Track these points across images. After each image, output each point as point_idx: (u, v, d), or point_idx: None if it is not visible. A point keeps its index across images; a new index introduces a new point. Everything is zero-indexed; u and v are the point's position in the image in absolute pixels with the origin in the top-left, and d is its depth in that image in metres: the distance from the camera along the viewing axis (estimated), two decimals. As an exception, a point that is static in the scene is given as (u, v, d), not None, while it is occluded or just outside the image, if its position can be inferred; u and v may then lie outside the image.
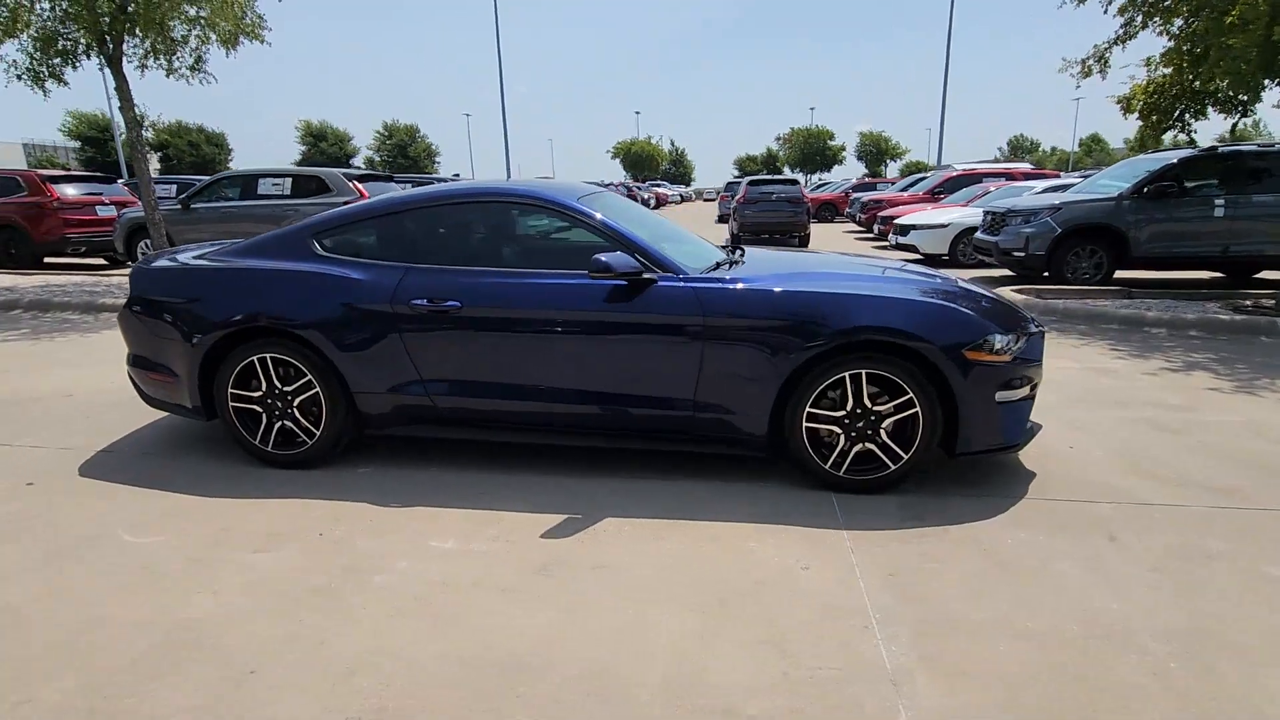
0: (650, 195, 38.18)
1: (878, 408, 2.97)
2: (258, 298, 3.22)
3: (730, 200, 18.74)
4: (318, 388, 3.24)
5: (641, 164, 63.79)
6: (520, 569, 2.52)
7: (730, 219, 16.94)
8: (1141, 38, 7.74)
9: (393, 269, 3.22)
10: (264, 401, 3.32)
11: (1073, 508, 2.96)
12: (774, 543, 2.69)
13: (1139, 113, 8.76)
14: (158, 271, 3.50)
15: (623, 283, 3.03)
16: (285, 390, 3.29)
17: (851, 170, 70.20)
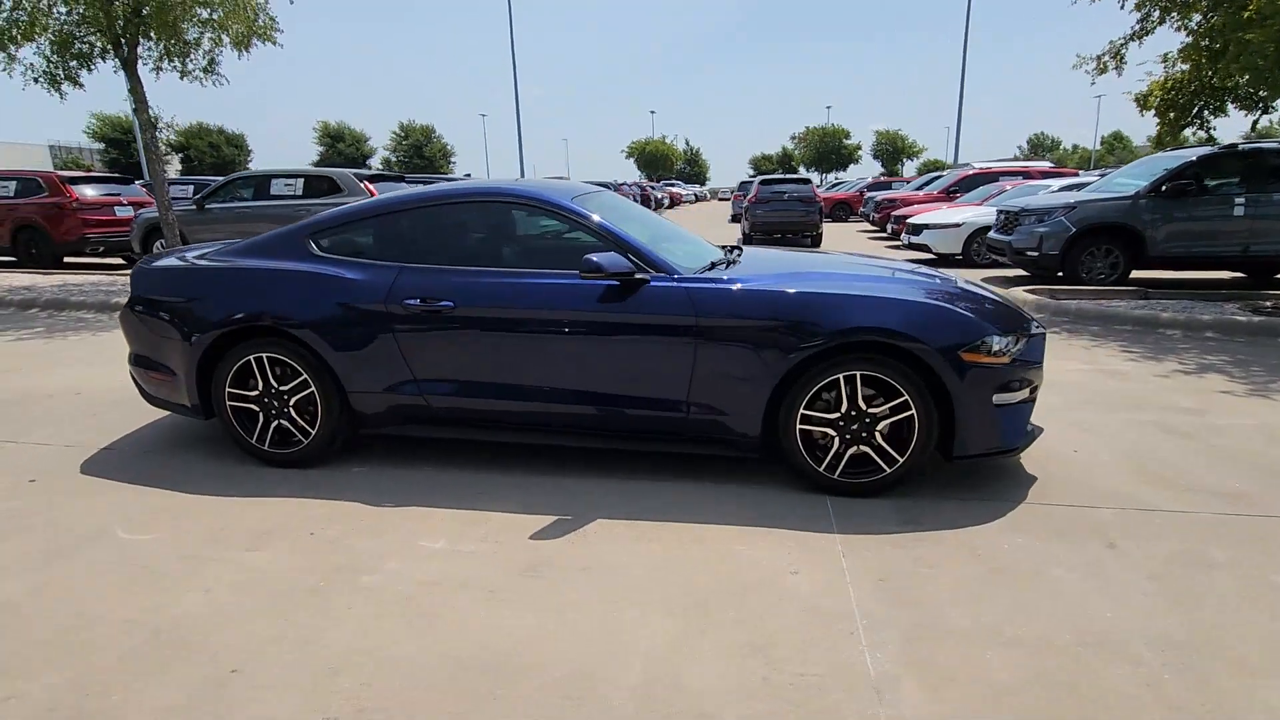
0: (664, 195, 38.14)
1: (872, 410, 2.93)
2: (253, 297, 3.25)
3: (743, 199, 18.65)
4: (313, 387, 3.26)
5: (656, 164, 63.77)
6: (507, 570, 2.52)
7: (742, 218, 16.88)
8: (1159, 33, 7.57)
9: (387, 269, 3.23)
10: (261, 401, 3.35)
11: (1073, 513, 2.90)
12: (764, 545, 2.67)
13: (1155, 110, 8.60)
14: (158, 271, 3.54)
15: (615, 283, 3.02)
16: (281, 390, 3.31)
17: (868, 169, 69.74)
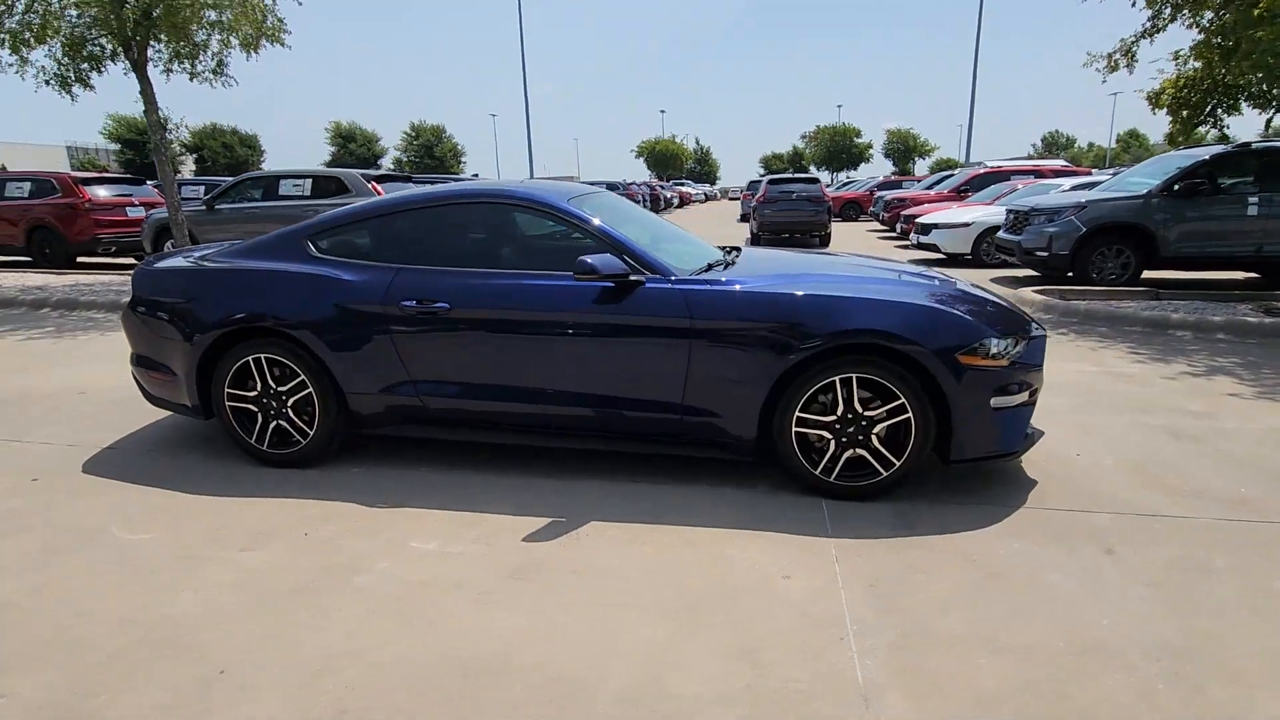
0: (674, 194, 38.09)
1: (869, 413, 2.91)
2: (252, 298, 3.26)
3: (752, 199, 18.58)
4: (311, 388, 3.28)
5: (666, 163, 63.71)
6: (498, 572, 2.52)
7: (750, 218, 16.83)
8: (1171, 30, 7.47)
9: (384, 270, 3.24)
10: (260, 401, 3.37)
11: (1071, 518, 2.87)
12: (757, 549, 2.65)
13: (1167, 108, 8.48)
14: (158, 272, 3.57)
15: (610, 284, 3.01)
16: (280, 390, 3.33)
17: (879, 168, 69.34)
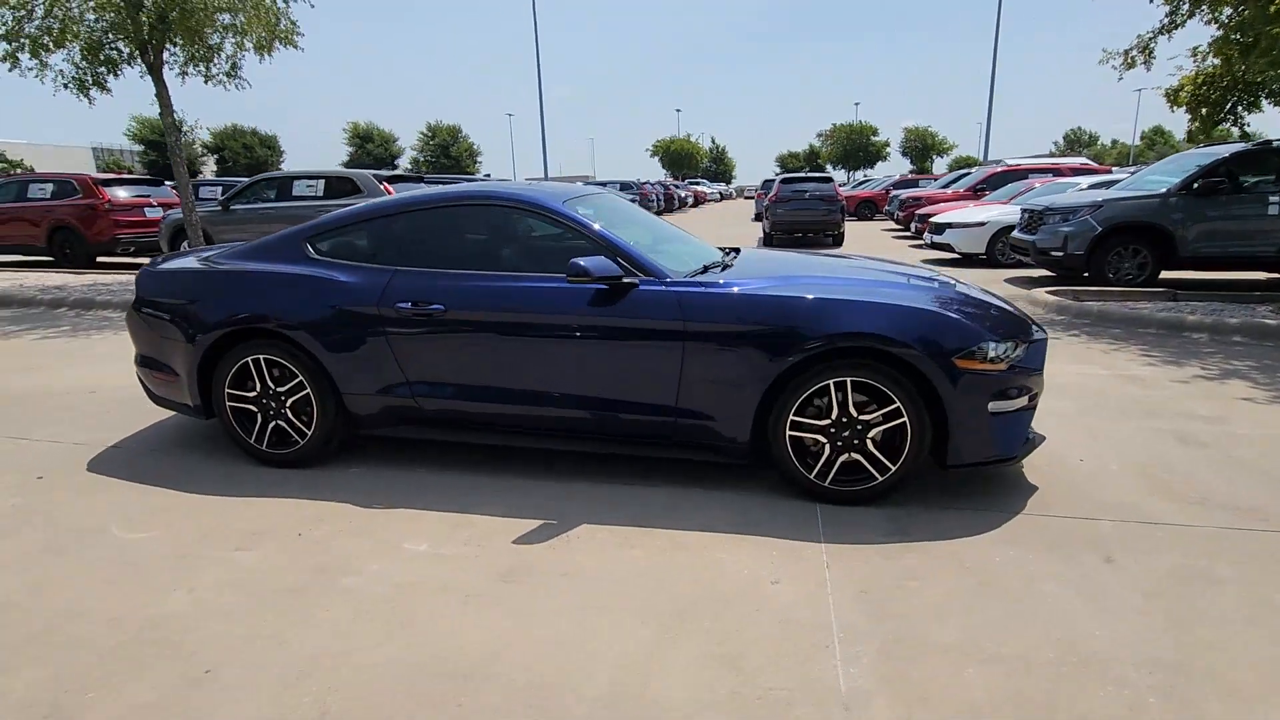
0: (688, 193, 38.02)
1: (864, 416, 2.87)
2: (250, 300, 3.29)
3: (765, 198, 18.49)
4: (309, 389, 3.30)
5: (681, 162, 63.60)
6: (487, 574, 2.52)
7: (763, 217, 16.75)
8: (1189, 26, 7.31)
9: (380, 272, 3.26)
10: (259, 401, 3.40)
11: (1071, 525, 2.81)
12: (747, 554, 2.63)
13: (1186, 106, 8.31)
14: (162, 274, 3.62)
15: (603, 286, 3.00)
16: (279, 391, 3.35)
17: (897, 167, 68.72)
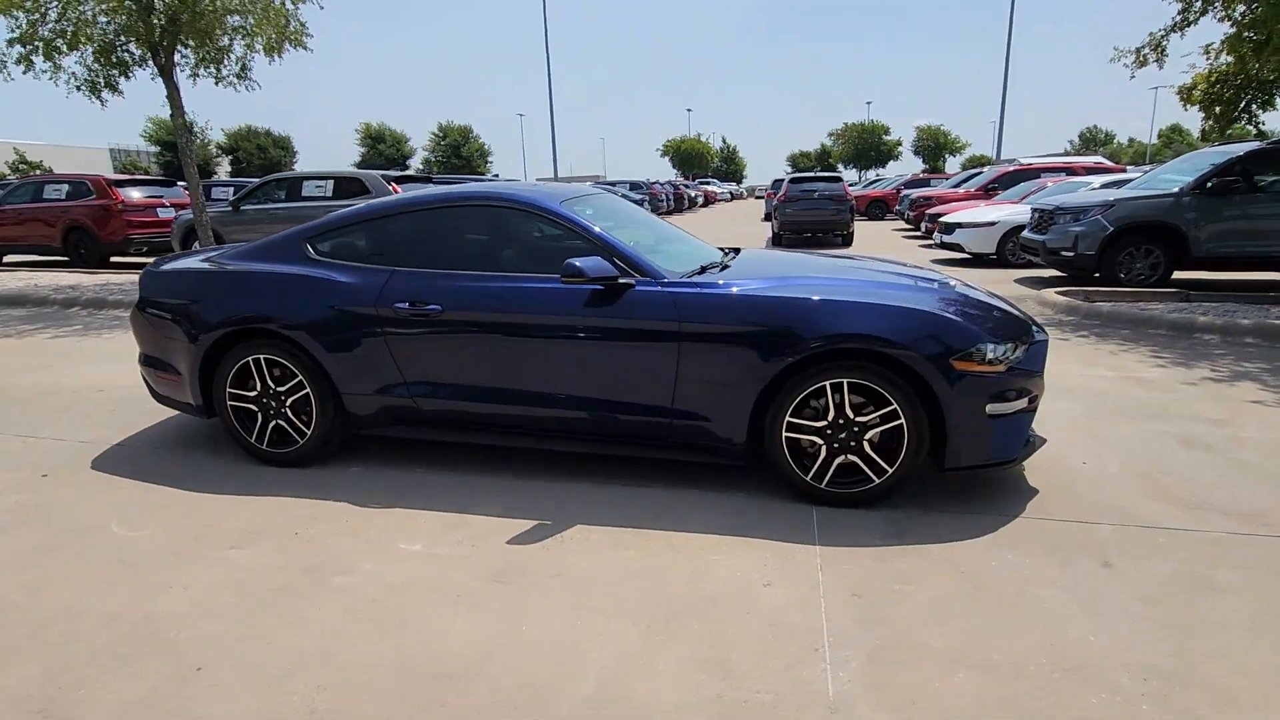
0: (698, 193, 37.97)
1: (861, 418, 2.85)
2: (250, 300, 3.32)
3: (775, 197, 18.42)
4: (308, 388, 3.32)
5: (691, 162, 63.51)
6: (478, 575, 2.52)
7: (771, 217, 16.69)
8: (1202, 24, 7.19)
9: (378, 272, 3.27)
10: (260, 401, 3.42)
11: (1070, 529, 2.78)
12: (741, 556, 2.62)
13: (1200, 104, 8.19)
14: (165, 274, 3.65)
15: (598, 287, 2.99)
16: (279, 390, 3.38)
17: (909, 166, 68.24)
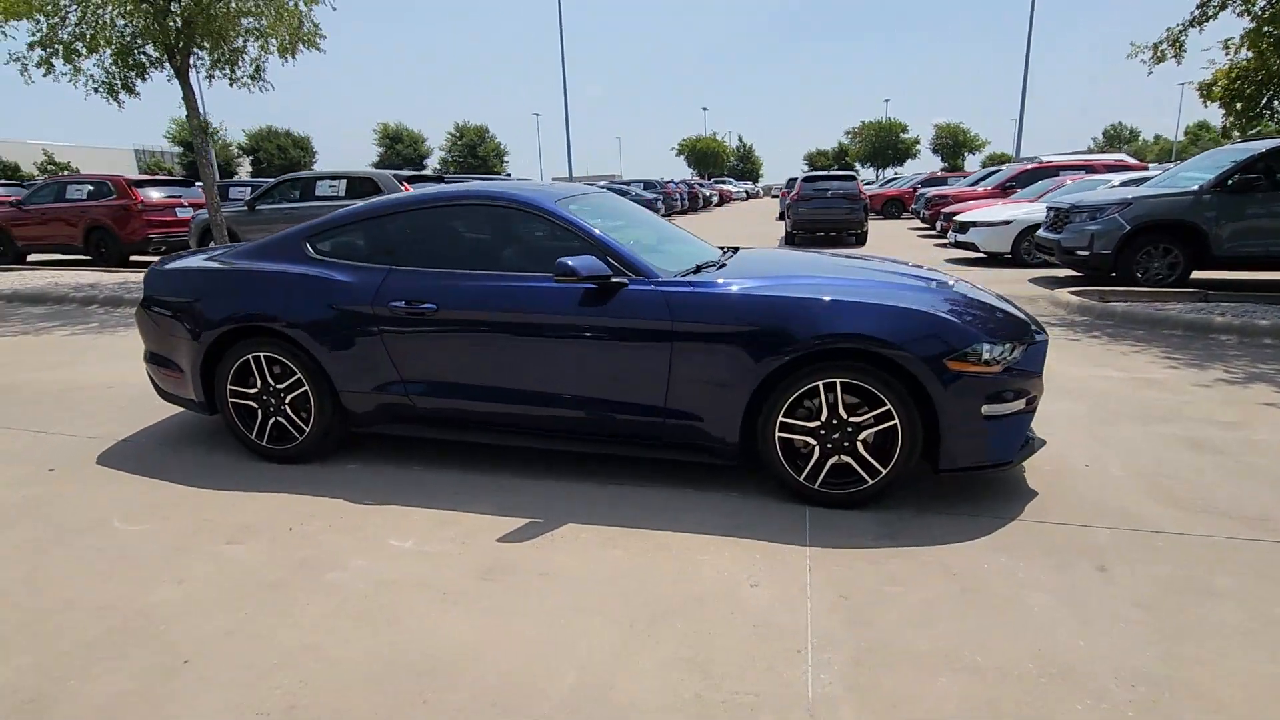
0: (713, 192, 37.86)
1: (854, 419, 2.83)
2: (250, 299, 3.36)
3: (788, 196, 18.32)
4: (306, 386, 3.35)
5: (707, 160, 63.32)
6: (467, 572, 2.53)
7: (785, 216, 16.60)
8: (1223, 19, 7.03)
9: (375, 271, 3.30)
10: (260, 398, 3.46)
11: (1068, 532, 2.74)
12: (729, 556, 2.60)
13: (1220, 101, 8.02)
14: (168, 273, 3.71)
15: (591, 286, 2.99)
16: (278, 388, 3.42)
17: (927, 164, 67.50)
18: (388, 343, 3.23)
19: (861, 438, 2.84)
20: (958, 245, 11.89)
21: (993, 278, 9.26)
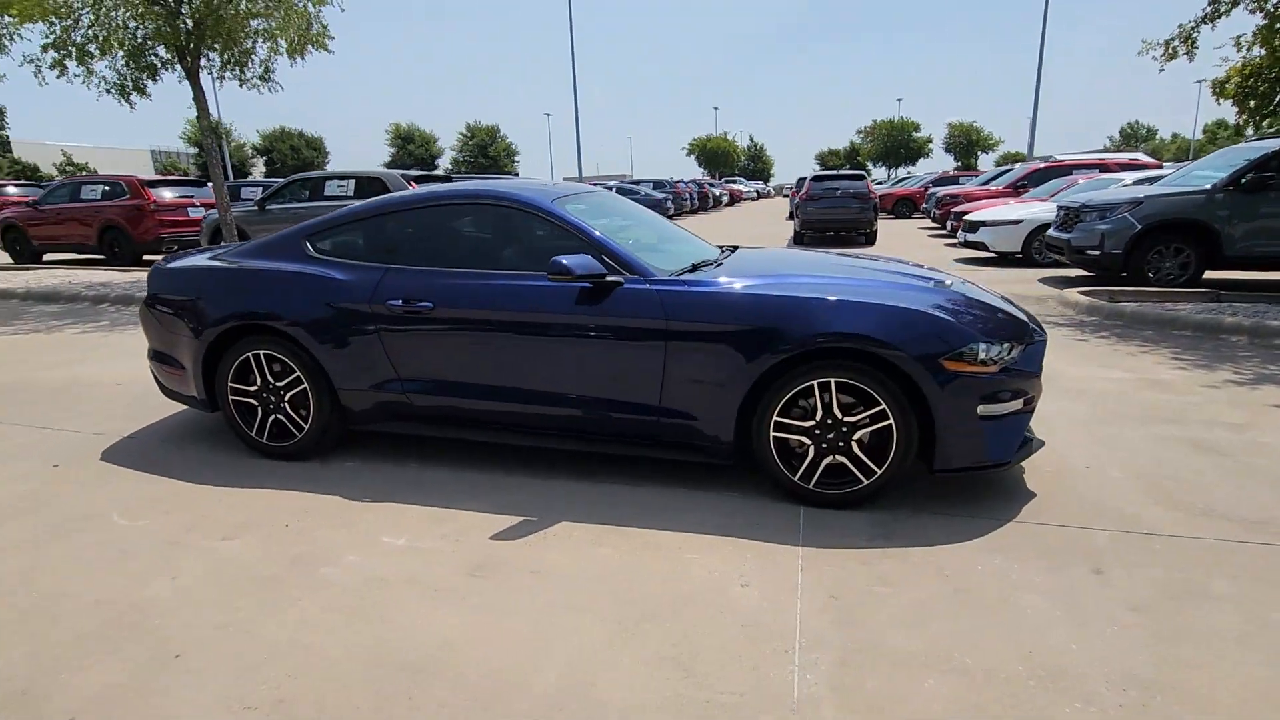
0: (723, 192, 37.80)
1: (849, 418, 2.81)
2: (250, 297, 3.39)
3: (797, 195, 18.25)
4: (305, 384, 3.38)
5: (717, 160, 63.22)
6: (458, 569, 2.54)
7: (794, 216, 16.54)
8: (1236, 15, 6.92)
9: (373, 270, 3.32)
10: (259, 395, 3.49)
11: (1064, 534, 2.71)
12: (721, 555, 2.60)
13: (1233, 98, 7.90)
14: (172, 271, 3.74)
15: (586, 285, 3.00)
16: (278, 385, 3.44)
17: (940, 163, 67.10)
18: (385, 341, 3.25)
19: (856, 437, 2.82)
20: (968, 245, 11.79)
21: (1002, 277, 9.19)
